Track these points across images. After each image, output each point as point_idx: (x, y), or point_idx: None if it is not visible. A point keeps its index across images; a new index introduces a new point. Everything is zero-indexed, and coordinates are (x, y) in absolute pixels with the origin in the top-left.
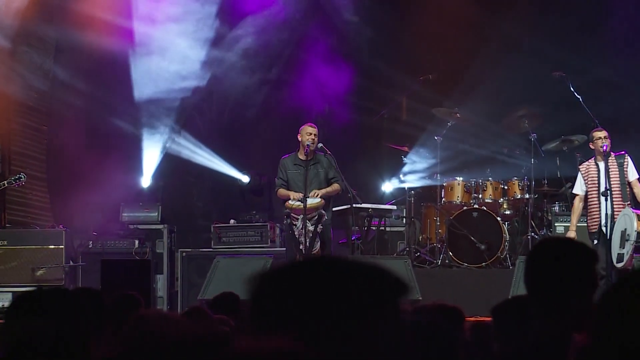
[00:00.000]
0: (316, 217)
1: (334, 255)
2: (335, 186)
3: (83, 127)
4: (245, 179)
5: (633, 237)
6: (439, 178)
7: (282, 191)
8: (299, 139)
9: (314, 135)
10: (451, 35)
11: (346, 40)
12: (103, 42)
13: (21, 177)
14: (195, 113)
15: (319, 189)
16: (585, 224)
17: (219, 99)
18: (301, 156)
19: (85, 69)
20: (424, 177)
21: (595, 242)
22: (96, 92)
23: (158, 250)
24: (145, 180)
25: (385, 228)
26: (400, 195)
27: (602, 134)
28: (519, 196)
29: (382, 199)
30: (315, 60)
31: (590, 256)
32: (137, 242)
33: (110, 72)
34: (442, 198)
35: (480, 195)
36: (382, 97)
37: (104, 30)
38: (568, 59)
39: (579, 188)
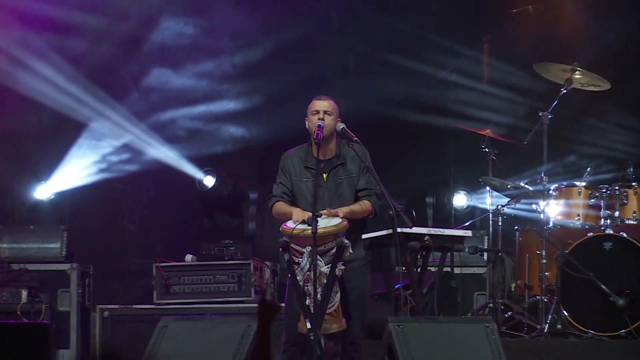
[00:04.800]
0: (334, 251)
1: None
2: (365, 205)
3: None
4: (208, 180)
5: None
6: (545, 182)
7: (281, 206)
8: (307, 126)
9: (325, 112)
10: None
11: None
12: None
13: None
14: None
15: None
16: None
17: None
18: (316, 153)
19: None
20: (520, 182)
21: None
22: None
23: (62, 308)
24: (44, 190)
25: (452, 269)
26: (480, 214)
27: None
28: None
29: (448, 219)
30: None
31: None
32: (24, 293)
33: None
34: (550, 217)
35: (616, 213)
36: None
37: None
38: None
39: None
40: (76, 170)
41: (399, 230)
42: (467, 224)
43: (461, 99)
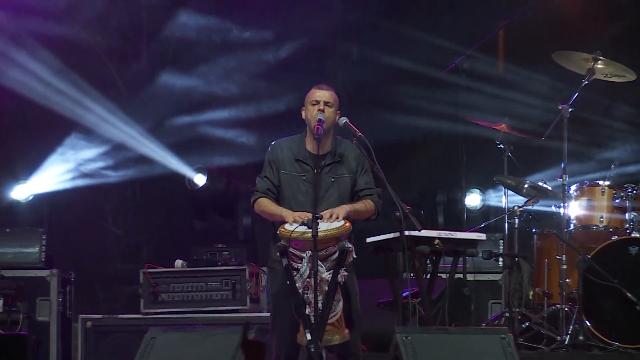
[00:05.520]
0: (336, 256)
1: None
2: (367, 204)
3: None
4: (199, 179)
5: None
6: (566, 181)
7: (268, 205)
8: (303, 116)
9: (326, 103)
10: None
11: None
12: None
13: None
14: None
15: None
16: None
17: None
18: (310, 147)
19: None
20: (538, 181)
21: None
22: None
23: (41, 318)
24: (22, 190)
25: (465, 275)
26: (495, 215)
27: None
28: None
29: (460, 220)
30: None
31: None
32: (0, 301)
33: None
34: (571, 219)
35: None
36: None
37: None
38: None
39: None
40: (58, 171)
41: (406, 233)
42: (481, 226)
43: (475, 91)
